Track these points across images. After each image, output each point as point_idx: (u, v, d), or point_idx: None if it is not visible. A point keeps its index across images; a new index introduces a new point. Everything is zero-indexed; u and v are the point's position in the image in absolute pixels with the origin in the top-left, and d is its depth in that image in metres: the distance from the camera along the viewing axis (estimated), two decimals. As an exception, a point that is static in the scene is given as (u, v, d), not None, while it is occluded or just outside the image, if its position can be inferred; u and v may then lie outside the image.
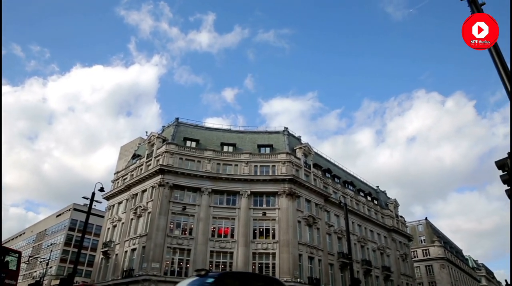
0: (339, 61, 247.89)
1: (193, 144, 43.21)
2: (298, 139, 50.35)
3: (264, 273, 35.82)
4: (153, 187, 38.70)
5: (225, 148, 44.04)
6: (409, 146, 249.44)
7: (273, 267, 36.34)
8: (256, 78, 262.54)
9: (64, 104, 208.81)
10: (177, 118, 47.18)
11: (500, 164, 8.19)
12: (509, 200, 8.10)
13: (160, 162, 39.37)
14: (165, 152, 39.93)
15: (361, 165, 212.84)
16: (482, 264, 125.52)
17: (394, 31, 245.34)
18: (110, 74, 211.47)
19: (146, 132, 46.67)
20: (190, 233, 36.92)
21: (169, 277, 33.61)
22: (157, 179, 38.20)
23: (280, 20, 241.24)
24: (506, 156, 8.01)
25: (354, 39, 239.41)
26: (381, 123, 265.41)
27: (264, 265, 36.66)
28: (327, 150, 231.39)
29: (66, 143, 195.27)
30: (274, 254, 36.90)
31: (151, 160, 42.06)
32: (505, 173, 8.00)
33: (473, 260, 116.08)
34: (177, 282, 35.10)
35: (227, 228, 38.33)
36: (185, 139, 43.64)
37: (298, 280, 35.32)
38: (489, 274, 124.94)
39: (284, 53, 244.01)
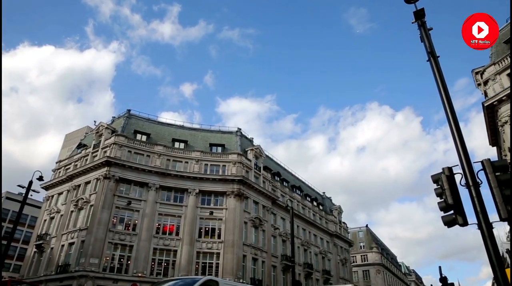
0: (300, 67, 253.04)
1: (144, 138, 42.07)
2: (251, 141, 50.76)
3: (207, 273, 35.69)
4: (97, 179, 37.12)
5: (176, 144, 43.33)
6: (358, 155, 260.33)
7: (217, 267, 36.25)
8: (217, 75, 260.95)
9: (5, 83, 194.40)
10: (129, 110, 45.70)
11: (435, 178, 8.81)
12: (441, 212, 8.74)
13: (107, 154, 37.90)
14: (114, 143, 38.51)
15: (312, 170, 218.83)
16: (413, 270, 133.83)
17: (355, 43, 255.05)
18: (62, 57, 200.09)
19: (95, 121, 44.73)
20: (133, 229, 35.83)
21: (108, 274, 32.40)
22: (103, 171, 36.72)
23: (246, 20, 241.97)
24: (441, 171, 8.66)
25: (316, 47, 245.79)
26: (334, 131, 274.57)
27: (207, 264, 36.47)
28: (281, 153, 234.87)
29: (6, 125, 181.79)
30: (218, 254, 36.84)
31: (97, 150, 40.35)
32: (439, 186, 8.62)
33: (406, 266, 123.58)
34: (116, 279, 33.70)
35: (173, 225, 37.68)
36: (136, 132, 42.38)
37: (241, 280, 35.52)
38: (418, 279, 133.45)
39: (247, 53, 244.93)
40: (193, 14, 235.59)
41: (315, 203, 60.13)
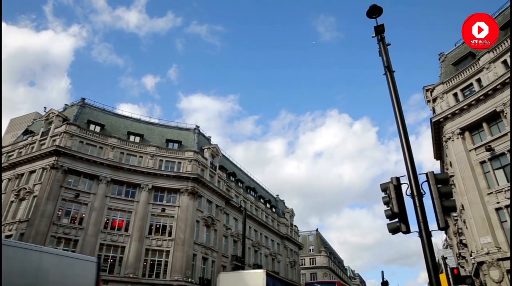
0: (265, 70, 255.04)
1: (97, 129, 40.46)
2: (208, 139, 50.45)
3: (155, 271, 34.98)
4: (44, 169, 35.16)
5: (132, 138, 42.09)
6: (315, 160, 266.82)
7: (166, 265, 35.60)
8: (181, 70, 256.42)
9: None
10: (83, 99, 43.76)
11: (383, 187, 9.28)
12: (387, 219, 9.19)
13: (57, 143, 36.02)
14: (64, 132, 36.67)
15: (270, 172, 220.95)
16: (358, 274, 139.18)
17: (321, 50, 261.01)
18: (14, 35, 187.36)
19: (45, 108, 42.20)
20: (80, 223, 34.29)
21: (48, 269, 30.72)
22: (50, 160, 34.84)
23: (216, 17, 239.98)
24: (390, 180, 9.12)
25: (283, 51, 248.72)
26: (294, 135, 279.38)
27: (156, 262, 35.72)
28: (240, 153, 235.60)
29: None
30: (168, 251, 36.20)
31: (46, 138, 38.24)
32: (386, 195, 9.08)
33: (351, 270, 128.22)
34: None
35: (122, 220, 36.53)
36: (89, 122, 40.66)
37: (190, 280, 35.16)
38: (362, 283, 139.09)
39: (214, 51, 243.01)
40: (161, 5, 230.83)
41: (268, 205, 60.82)
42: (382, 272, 39.40)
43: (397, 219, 8.56)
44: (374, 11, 10.26)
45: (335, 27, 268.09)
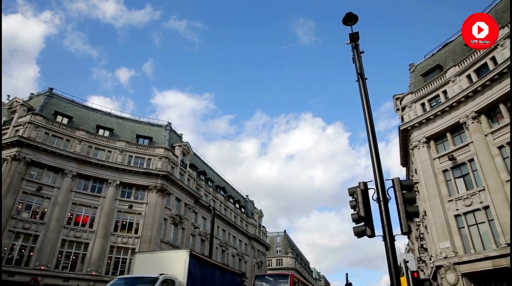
0: (242, 69, 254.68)
1: (65, 120, 39.09)
2: (180, 136, 49.90)
3: (119, 269, 34.20)
4: (4, 160, 33.60)
5: (101, 132, 40.98)
6: (287, 162, 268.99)
7: (130, 263, 34.85)
8: (157, 65, 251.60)
9: None
10: (51, 89, 42.13)
11: (351, 191, 9.49)
12: (353, 222, 9.41)
13: (20, 133, 34.51)
14: (29, 122, 35.19)
15: (242, 172, 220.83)
16: (323, 276, 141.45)
17: (299, 53, 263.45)
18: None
19: (8, 96, 40.29)
20: (41, 218, 33.00)
21: (5, 266, 29.35)
22: (12, 151, 33.32)
23: (196, 12, 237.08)
24: (357, 185, 9.35)
25: (261, 51, 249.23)
26: (267, 136, 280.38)
27: (121, 260, 34.93)
28: (213, 152, 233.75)
29: None
30: (134, 249, 35.47)
31: (8, 128, 36.56)
32: (354, 199, 9.29)
33: (317, 272, 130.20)
34: (13, 272, 30.58)
35: (87, 216, 35.47)
36: (56, 113, 39.22)
37: (154, 278, 34.57)
38: (327, 285, 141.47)
39: (192, 47, 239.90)
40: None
41: (237, 205, 60.84)
42: (347, 274, 40.16)
43: (363, 223, 8.78)
44: (350, 19, 10.49)
45: (314, 32, 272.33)
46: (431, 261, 28.72)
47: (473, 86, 25.98)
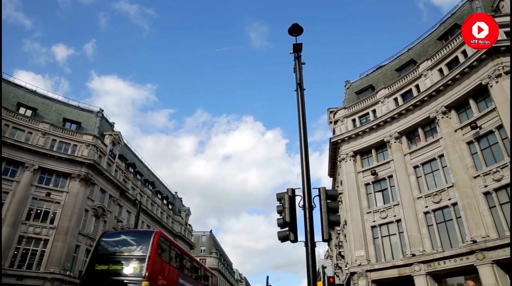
0: (190, 65, 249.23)
1: (-20, 94, 35.19)
2: (111, 125, 47.50)
3: (27, 261, 31.48)
4: None
5: (22, 110, 37.53)
6: (223, 163, 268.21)
7: (42, 255, 32.23)
8: (100, 47, 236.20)
9: None
10: (-34, 57, 37.67)
11: (279, 197, 9.74)
12: (278, 227, 9.67)
13: None
14: None
15: (177, 168, 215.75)
16: (245, 277, 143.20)
17: (248, 56, 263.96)
18: None
19: None
20: None
21: None
22: None
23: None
24: (286, 191, 9.63)
25: (211, 49, 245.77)
26: (206, 135, 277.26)
27: (30, 252, 32.11)
28: (149, 145, 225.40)
29: None
30: (47, 240, 32.89)
31: None
32: (281, 204, 9.56)
33: (239, 273, 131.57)
34: None
35: (-5, 201, 32.20)
36: (-30, 85, 35.18)
37: (68, 273, 32.38)
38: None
39: (141, 34, 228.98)
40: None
41: (165, 201, 59.45)
42: (267, 277, 41.25)
43: (287, 228, 9.06)
44: (295, 30, 10.80)
45: (266, 37, 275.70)
46: (346, 268, 30.54)
47: (398, 109, 28.25)
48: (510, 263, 17.99)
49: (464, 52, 24.72)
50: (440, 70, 26.48)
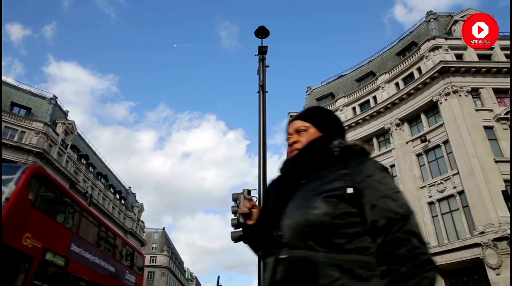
0: (155, 58, 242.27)
1: None
2: (65, 113, 45.29)
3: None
4: None
5: (-35, 91, 34.90)
6: (182, 160, 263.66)
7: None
8: (61, 31, 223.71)
9: None
10: None
11: (234, 197, 9.71)
12: (232, 227, 9.67)
13: None
14: None
15: (134, 163, 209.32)
16: (196, 276, 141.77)
17: (218, 53, 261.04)
18: None
19: None
20: None
21: None
22: None
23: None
24: (241, 191, 9.65)
25: (178, 44, 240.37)
26: (167, 131, 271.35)
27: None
28: (106, 137, 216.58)
29: None
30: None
31: None
32: (236, 205, 9.55)
33: (190, 272, 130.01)
34: None
35: None
36: None
37: None
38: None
39: (107, 22, 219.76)
40: None
41: (118, 196, 57.56)
42: (218, 277, 40.72)
43: (241, 229, 9.07)
44: (262, 32, 10.89)
45: (236, 37, 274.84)
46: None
47: (355, 118, 29.26)
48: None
49: (419, 69, 26.10)
50: (397, 84, 27.77)
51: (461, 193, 21.29)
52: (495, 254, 18.17)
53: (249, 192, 9.71)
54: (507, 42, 25.89)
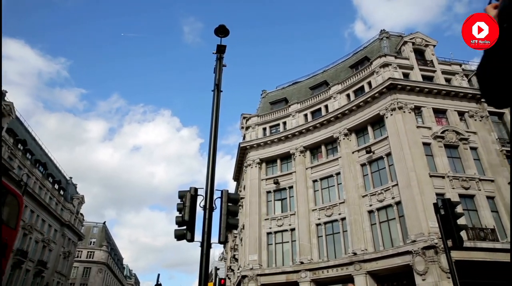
0: (111, 46, 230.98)
1: None
2: (3, 94, 42.07)
3: None
4: None
5: None
6: (132, 153, 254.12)
7: None
8: (10, 6, 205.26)
9: None
10: None
11: (181, 194, 9.61)
12: (176, 225, 9.54)
13: None
14: None
15: (79, 152, 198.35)
16: (135, 274, 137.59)
17: (179, 48, 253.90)
18: None
19: None
20: None
21: None
22: None
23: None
24: (188, 189, 9.55)
25: (139, 34, 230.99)
26: (119, 123, 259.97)
27: None
28: (52, 123, 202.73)
29: None
30: None
31: None
32: (182, 202, 9.45)
33: (129, 269, 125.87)
34: None
35: None
36: None
37: None
38: (137, 284, 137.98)
39: (65, 2, 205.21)
40: None
41: (56, 186, 54.39)
42: (158, 274, 39.91)
43: (185, 227, 9.00)
44: (222, 31, 10.85)
45: (199, 34, 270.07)
46: (239, 271, 31.26)
47: (307, 124, 30.10)
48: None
49: (370, 83, 27.40)
50: (348, 95, 28.95)
51: (398, 203, 22.63)
52: (423, 261, 19.52)
53: (196, 190, 9.67)
54: (448, 67, 28.00)
